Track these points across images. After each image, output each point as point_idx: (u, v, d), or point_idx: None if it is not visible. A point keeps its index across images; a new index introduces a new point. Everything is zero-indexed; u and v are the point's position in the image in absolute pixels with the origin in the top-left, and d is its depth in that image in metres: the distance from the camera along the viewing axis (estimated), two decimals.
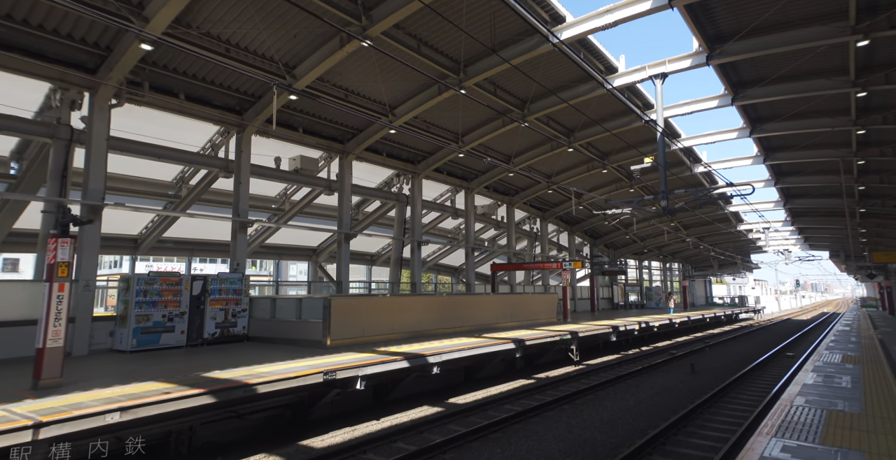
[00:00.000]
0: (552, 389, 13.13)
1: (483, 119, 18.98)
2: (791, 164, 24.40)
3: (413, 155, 20.66)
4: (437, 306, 15.29)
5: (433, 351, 11.17)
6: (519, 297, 20.35)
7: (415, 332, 14.17)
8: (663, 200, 14.85)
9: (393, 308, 13.63)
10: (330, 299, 11.58)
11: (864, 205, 27.08)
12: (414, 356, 10.50)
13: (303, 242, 23.68)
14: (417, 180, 21.05)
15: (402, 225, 21.22)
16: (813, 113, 18.80)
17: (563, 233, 34.54)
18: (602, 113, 19.67)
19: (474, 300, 17.32)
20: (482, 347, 12.54)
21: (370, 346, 11.79)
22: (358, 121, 16.99)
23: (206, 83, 13.10)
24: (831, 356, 11.11)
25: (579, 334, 17.03)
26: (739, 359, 18.76)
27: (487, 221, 27.27)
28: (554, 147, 21.92)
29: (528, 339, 14.47)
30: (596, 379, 14.70)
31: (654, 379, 14.77)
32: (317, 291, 24.36)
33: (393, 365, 9.79)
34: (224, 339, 12.45)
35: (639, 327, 21.67)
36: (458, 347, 11.87)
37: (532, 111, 18.05)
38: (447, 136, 19.44)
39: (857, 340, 15.28)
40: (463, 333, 15.44)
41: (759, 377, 15.03)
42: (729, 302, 54.37)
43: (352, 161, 17.77)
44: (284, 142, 16.29)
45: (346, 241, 17.44)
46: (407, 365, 10.14)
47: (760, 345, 24.22)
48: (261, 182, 17.73)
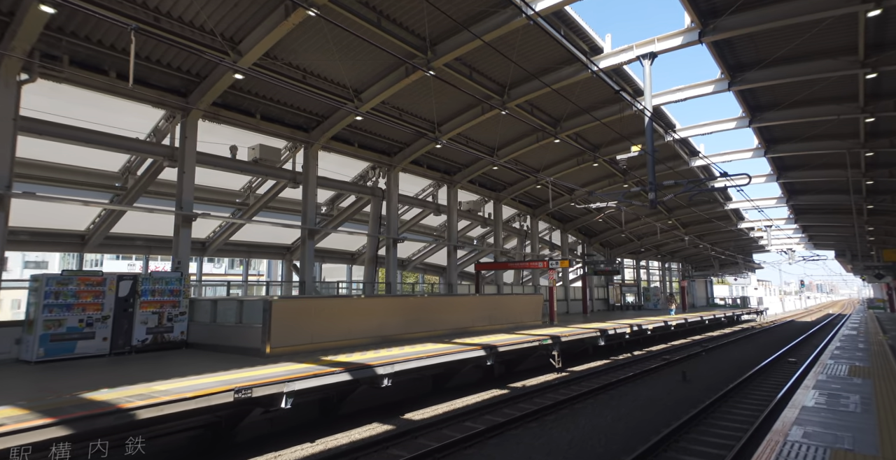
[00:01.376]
0: (525, 401, 11.80)
1: (460, 106, 17.63)
2: (794, 157, 22.97)
3: (388, 146, 19.34)
4: (403, 309, 13.96)
5: (387, 360, 9.86)
6: (499, 299, 18.99)
7: (378, 338, 12.85)
8: (651, 193, 13.49)
9: (350, 311, 12.30)
10: (271, 301, 10.26)
11: (872, 202, 25.61)
12: (360, 367, 9.18)
13: (275, 240, 22.41)
14: (393, 173, 19.72)
15: (377, 221, 19.90)
16: (817, 99, 17.39)
17: (555, 231, 33.15)
18: (589, 100, 18.31)
19: (448, 302, 15.99)
20: (447, 355, 11.20)
21: (318, 355, 10.46)
22: (321, 107, 15.67)
23: (142, 60, 11.79)
24: (836, 367, 9.73)
25: (562, 338, 15.68)
26: (737, 366, 17.38)
27: (474, 218, 25.92)
28: (540, 138, 20.56)
29: (501, 345, 13.14)
30: (577, 388, 13.37)
31: (639, 389, 13.41)
32: (288, 292, 23.07)
33: (330, 379, 8.47)
34: (157, 346, 11.14)
35: (630, 330, 20.31)
36: (418, 355, 10.55)
37: (512, 97, 16.70)
38: (423, 126, 18.11)
39: (866, 346, 13.88)
40: (433, 338, 14.12)
41: (757, 387, 13.66)
42: (730, 303, 52.83)
43: (317, 151, 16.46)
44: (242, 130, 14.98)
45: (310, 238, 16.12)
46: (348, 378, 8.82)
47: (761, 348, 22.82)
48: (223, 175, 16.46)
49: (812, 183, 25.61)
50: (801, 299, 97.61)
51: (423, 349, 11.82)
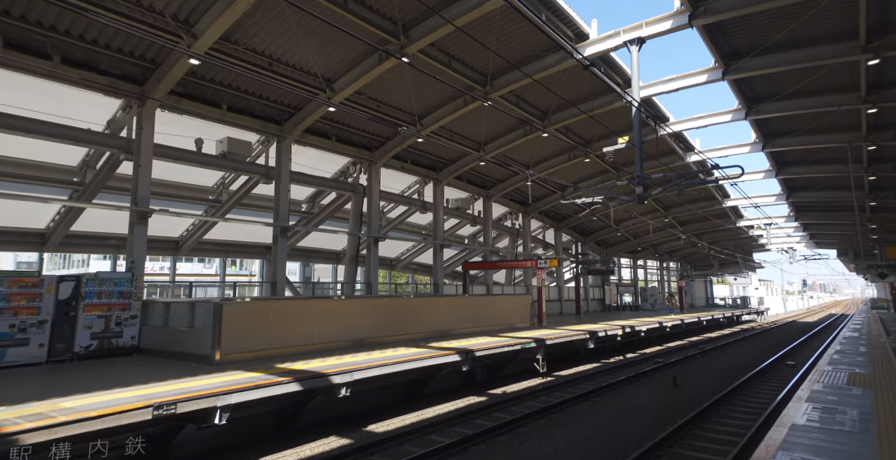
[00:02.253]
0: (501, 410, 10.98)
1: (441, 98, 16.82)
2: (793, 152, 22.09)
3: (368, 140, 18.54)
4: (377, 310, 13.15)
5: (347, 367, 9.08)
6: (484, 299, 18.15)
7: (348, 342, 12.05)
8: (638, 187, 12.67)
9: (315, 313, 11.48)
10: (221, 304, 9.46)
11: (874, 198, 24.71)
12: (313, 376, 8.38)
13: (255, 238, 21.56)
14: (374, 169, 18.93)
15: (358, 218, 19.10)
16: (817, 89, 16.54)
17: (549, 230, 32.32)
18: (576, 91, 17.50)
19: (428, 303, 15.18)
20: (416, 361, 10.41)
21: (274, 362, 9.67)
22: (292, 98, 14.88)
23: (89, 44, 10.99)
24: (835, 374, 8.90)
25: (547, 341, 14.89)
26: (732, 369, 16.55)
27: (462, 216, 25.09)
28: (527, 132, 19.75)
29: (479, 349, 12.35)
30: (560, 395, 12.56)
31: (626, 395, 12.59)
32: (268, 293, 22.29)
33: (274, 390, 7.66)
34: (104, 353, 10.35)
35: (622, 332, 19.50)
36: (383, 362, 9.76)
37: (495, 87, 15.89)
38: (403, 118, 17.31)
39: (867, 350, 13.05)
40: (410, 342, 13.32)
41: (751, 394, 12.82)
42: (731, 303, 51.92)
43: (290, 144, 15.67)
44: (209, 122, 14.20)
45: (282, 236, 15.33)
46: (297, 389, 8.01)
47: (760, 351, 21.97)
48: (195, 171, 15.71)
49: (812, 179, 24.74)
50: (804, 299, 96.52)
51: (393, 354, 11.03)
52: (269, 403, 8.22)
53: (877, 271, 31.27)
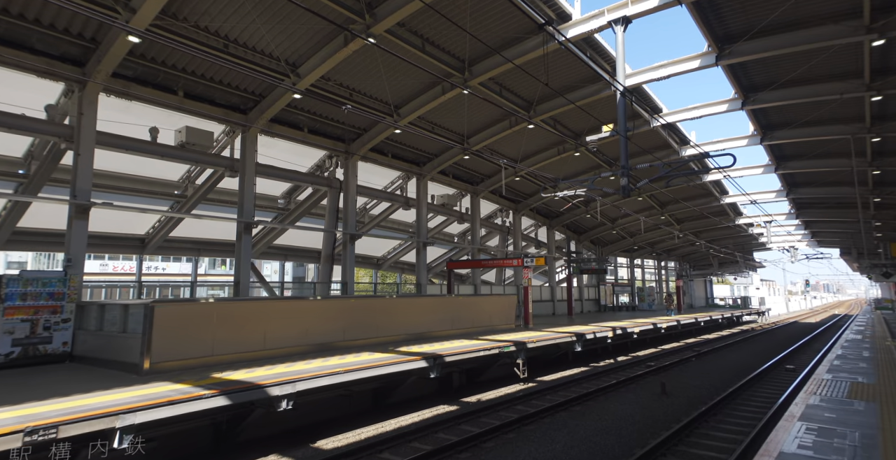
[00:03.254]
0: (470, 422, 10.02)
1: (418, 85, 15.85)
2: (793, 145, 21.07)
3: (343, 131, 17.57)
4: (342, 312, 12.17)
5: (291, 377, 8.11)
6: (464, 300, 17.14)
7: (307, 346, 11.09)
8: (623, 178, 11.69)
9: (268, 315, 10.50)
10: (152, 305, 8.49)
11: (879, 194, 23.65)
12: (245, 388, 7.41)
13: (230, 236, 20.53)
14: (352, 162, 17.95)
15: (334, 214, 18.14)
16: (818, 76, 15.54)
17: (542, 227, 31.31)
18: (563, 79, 16.53)
19: (402, 304, 14.20)
20: (376, 368, 9.44)
21: (214, 371, 8.72)
22: (256, 84, 13.93)
23: (15, 18, 10.03)
24: (834, 384, 7.91)
25: (528, 345, 13.91)
26: (728, 374, 15.56)
27: (449, 213, 24.10)
28: (513, 123, 18.77)
29: (451, 354, 11.39)
30: (538, 403, 11.60)
31: (610, 403, 11.61)
32: None
33: (192, 406, 6.68)
34: (29, 361, 9.40)
35: (612, 334, 18.51)
36: (336, 370, 8.79)
37: (475, 74, 14.90)
38: (379, 108, 16.34)
39: (871, 354, 12.04)
40: (378, 346, 12.37)
41: (745, 402, 11.83)
42: (731, 303, 50.82)
43: (255, 135, 14.71)
44: (168, 111, 13.24)
45: (246, 232, 14.38)
46: (225, 403, 7.04)
47: (758, 353, 20.96)
48: (159, 164, 14.77)
49: (813, 174, 23.68)
50: (807, 299, 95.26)
51: (355, 360, 10.08)
52: (193, 420, 7.26)
53: (881, 270, 30.18)
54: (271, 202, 19.92)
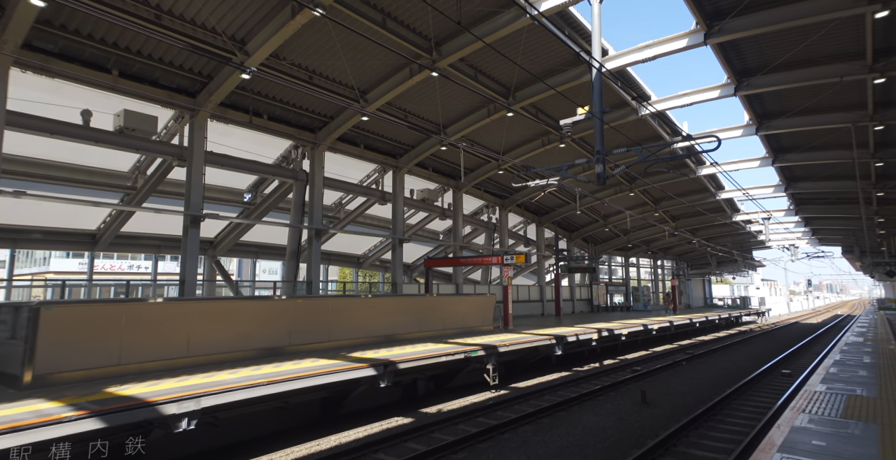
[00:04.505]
0: (419, 439, 8.86)
1: (384, 68, 14.71)
2: (791, 135, 19.87)
3: (311, 120, 16.45)
4: (288, 314, 10.99)
5: (200, 391, 6.94)
6: (434, 300, 15.94)
7: (247, 352, 9.94)
8: (598, 164, 10.55)
9: (193, 318, 9.32)
10: (38, 307, 7.33)
11: (882, 188, 22.42)
12: (130, 407, 6.22)
13: None
14: (318, 153, 16.82)
15: (300, 209, 16.99)
16: (816, 58, 14.38)
17: (532, 225, 30.13)
18: (541, 62, 15.42)
19: (357, 304, 13.02)
20: (313, 378, 8.27)
21: (115, 383, 7.55)
22: (200, 64, 12.79)
23: None
24: (828, 399, 6.73)
25: (500, 349, 12.76)
26: (719, 380, 14.39)
27: (430, 209, 22.96)
28: (491, 111, 17.63)
29: (406, 360, 10.21)
30: (504, 415, 10.43)
31: (583, 415, 10.44)
32: (210, 292, 20.26)
33: (42, 434, 5.42)
34: None
35: (598, 336, 17.34)
36: (259, 382, 7.61)
37: (444, 54, 13.75)
38: (343, 92, 15.19)
39: (873, 360, 10.86)
40: (327, 351, 11.21)
41: (732, 413, 10.64)
42: (730, 303, 49.59)
43: (205, 121, 13.57)
44: (106, 93, 12.11)
45: (193, 226, 13.22)
46: (93, 428, 5.81)
47: (754, 356, 19.76)
48: (108, 154, 13.70)
49: (813, 167, 22.48)
50: (809, 299, 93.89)
51: (293, 368, 8.92)
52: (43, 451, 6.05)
53: (884, 269, 28.92)
54: (236, 196, 18.83)
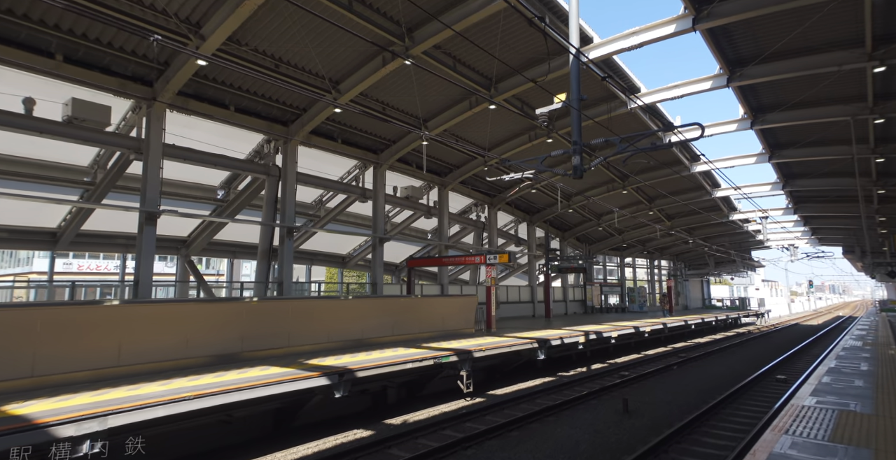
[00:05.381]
0: (373, 456, 8.07)
1: (355, 56, 13.95)
2: (788, 130, 19.06)
3: (281, 112, 15.70)
4: (234, 318, 10.14)
5: (108, 408, 6.14)
6: (409, 302, 15.11)
7: (188, 360, 9.16)
8: (575, 156, 9.76)
9: (119, 323, 8.42)
10: None
11: (883, 185, 21.58)
12: (11, 430, 5.43)
13: (164, 231, 18.68)
14: (290, 147, 16.06)
15: (272, 205, 16.22)
16: (814, 46, 13.58)
17: (522, 223, 29.31)
18: (522, 51, 14.68)
19: (321, 307, 12.22)
20: (257, 389, 7.47)
21: (19, 399, 6.76)
22: (157, 51, 12.01)
23: None
24: (817, 416, 5.91)
25: (475, 354, 11.96)
26: (710, 386, 13.59)
27: (415, 207, 22.15)
28: (473, 103, 16.87)
29: (364, 368, 9.41)
30: (472, 427, 9.64)
31: (558, 426, 9.65)
32: (183, 294, 19.52)
33: None
34: None
35: (584, 339, 16.54)
36: (183, 396, 6.80)
37: (417, 41, 12.98)
38: (314, 82, 14.42)
39: (871, 367, 10.05)
40: (285, 358, 10.45)
41: (718, 424, 9.83)
42: (729, 304, 48.70)
43: (162, 111, 12.79)
44: (53, 80, 11.35)
45: (149, 223, 12.45)
46: None
47: (750, 359, 18.97)
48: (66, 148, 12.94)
49: (812, 163, 21.64)
50: (810, 300, 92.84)
51: (237, 377, 8.13)
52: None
53: (886, 269, 28.05)
54: (208, 193, 18.05)
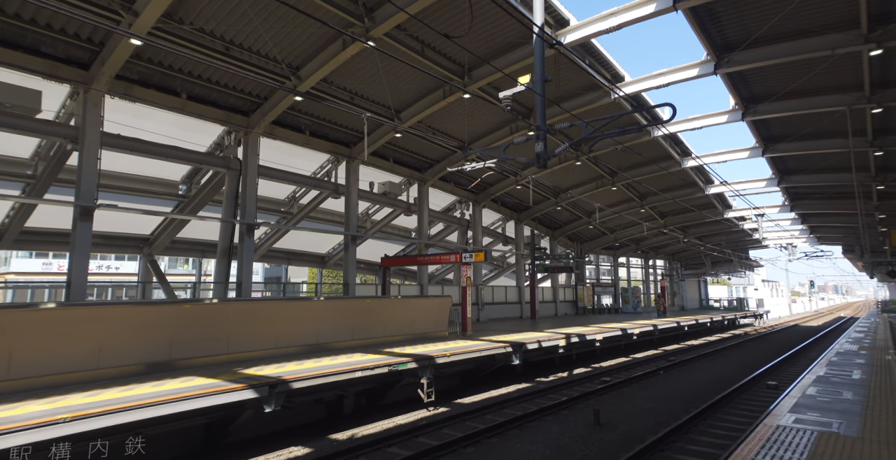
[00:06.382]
0: None
1: (314, 40, 13.00)
2: (782, 122, 18.07)
3: (240, 101, 14.76)
4: (158, 323, 9.15)
5: None
6: (373, 303, 14.07)
7: (97, 371, 8.20)
8: (539, 142, 8.83)
9: (11, 330, 7.52)
10: None
11: (882, 180, 20.58)
12: None
13: (122, 229, 17.79)
14: (251, 138, 15.13)
15: (233, 201, 15.29)
16: (807, 29, 12.63)
17: (510, 222, 28.33)
18: (495, 33, 13.73)
19: (268, 309, 11.20)
20: (163, 406, 6.51)
21: None
22: (89, 30, 11.09)
23: None
24: (793, 442, 4.95)
25: (437, 360, 11.02)
26: (695, 392, 12.65)
27: (394, 203, 21.18)
28: (447, 92, 15.91)
29: (302, 378, 8.44)
30: (425, 442, 8.72)
31: (519, 441, 8.71)
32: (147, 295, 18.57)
33: None
34: None
35: (565, 343, 15.59)
36: (59, 418, 5.85)
37: (378, 21, 12.02)
38: (271, 68, 13.47)
39: (863, 376, 9.07)
40: (220, 366, 9.52)
41: (698, 437, 8.86)
42: (726, 305, 47.67)
43: (100, 98, 11.84)
44: None
45: (83, 218, 11.50)
46: None
47: (742, 363, 18.02)
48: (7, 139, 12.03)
49: (807, 157, 20.65)
50: (812, 301, 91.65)
51: (150, 391, 7.17)
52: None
53: (885, 269, 27.01)
54: (170, 188, 17.13)
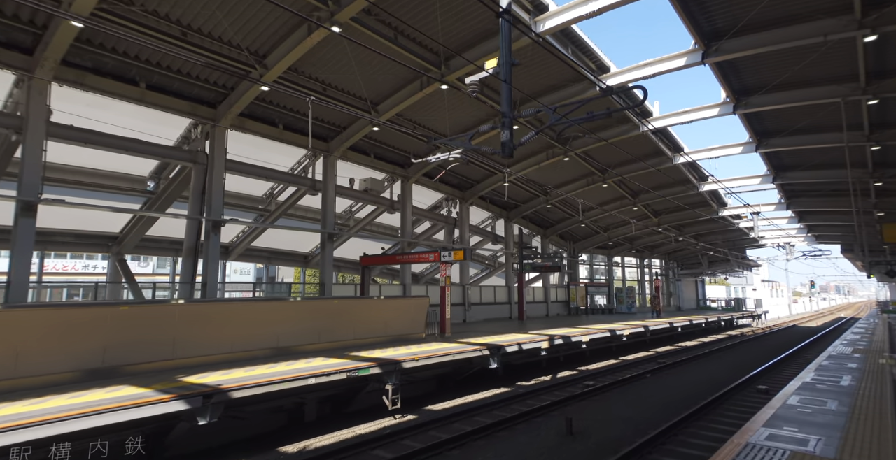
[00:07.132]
0: None
1: (278, 27, 12.36)
2: (775, 115, 17.38)
3: (206, 91, 14.12)
4: (91, 326, 8.48)
5: None
6: (342, 304, 13.32)
7: (12, 383, 7.53)
8: (504, 130, 8.19)
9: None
10: None
11: (879, 177, 19.86)
12: None
13: (89, 226, 17.16)
14: (218, 131, 14.47)
15: (199, 197, 14.63)
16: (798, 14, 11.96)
17: (500, 220, 27.65)
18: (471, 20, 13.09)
19: (221, 311, 10.49)
20: (78, 420, 5.84)
21: None
22: (30, 13, 10.43)
23: None
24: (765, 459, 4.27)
25: (403, 364, 10.36)
26: (680, 397, 11.98)
27: (376, 200, 20.53)
28: (424, 84, 15.25)
29: (242, 387, 7.75)
30: (381, 454, 8.05)
31: (481, 454, 8.03)
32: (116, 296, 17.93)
33: None
34: None
35: (548, 345, 14.92)
36: None
37: (343, 5, 11.35)
38: (234, 56, 12.80)
39: (853, 383, 8.33)
40: (163, 373, 8.87)
41: (676, 447, 8.18)
42: (724, 305, 46.94)
43: (45, 86, 11.16)
44: None
45: (25, 214, 10.82)
46: None
47: (735, 365, 17.34)
48: None
49: (803, 153, 19.93)
50: (812, 301, 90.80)
51: (66, 403, 6.50)
52: None
53: (884, 268, 26.28)
54: (137, 184, 16.50)
